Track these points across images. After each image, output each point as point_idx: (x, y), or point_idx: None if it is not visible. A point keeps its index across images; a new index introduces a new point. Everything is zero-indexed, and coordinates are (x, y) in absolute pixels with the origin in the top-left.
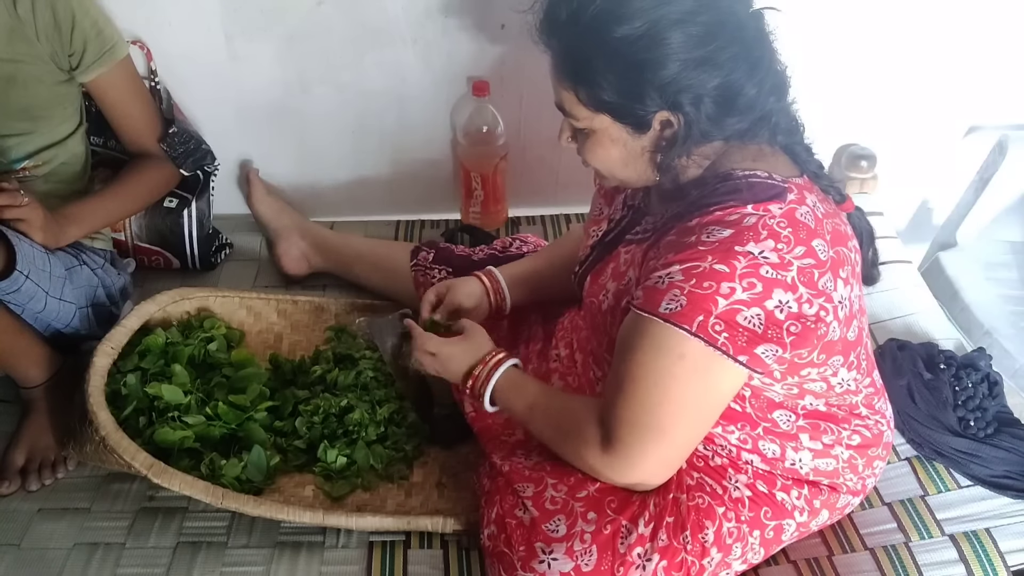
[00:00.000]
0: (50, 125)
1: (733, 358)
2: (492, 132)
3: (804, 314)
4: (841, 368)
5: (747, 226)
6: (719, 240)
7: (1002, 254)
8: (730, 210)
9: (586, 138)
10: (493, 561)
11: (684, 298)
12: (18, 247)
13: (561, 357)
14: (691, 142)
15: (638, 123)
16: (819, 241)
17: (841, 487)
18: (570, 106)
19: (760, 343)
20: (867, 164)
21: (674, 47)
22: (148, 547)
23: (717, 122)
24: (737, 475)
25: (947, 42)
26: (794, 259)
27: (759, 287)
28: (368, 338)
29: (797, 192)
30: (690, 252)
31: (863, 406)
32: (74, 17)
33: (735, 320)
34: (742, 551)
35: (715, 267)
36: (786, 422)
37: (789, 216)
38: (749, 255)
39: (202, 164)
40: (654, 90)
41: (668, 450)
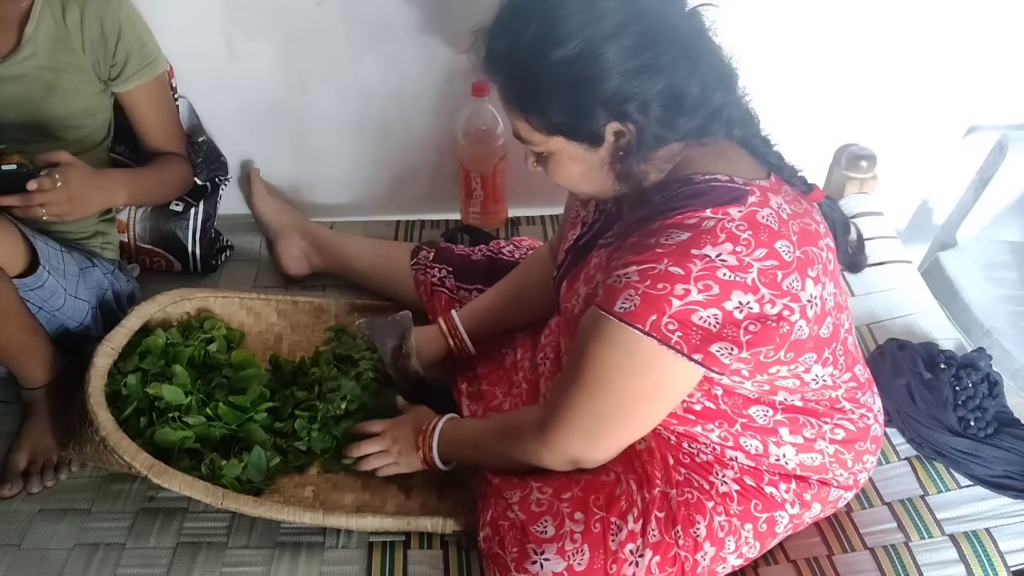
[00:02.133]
0: (80, 135)
1: (688, 356)
2: (492, 132)
3: (766, 314)
4: (815, 365)
5: (705, 229)
6: (676, 243)
7: (1002, 254)
8: (689, 214)
9: (547, 160)
10: (489, 563)
11: (638, 298)
12: (38, 244)
13: (547, 362)
14: (646, 148)
15: (591, 138)
16: (783, 242)
17: (831, 482)
18: (525, 133)
19: (715, 341)
20: (867, 164)
21: (611, 61)
22: (148, 547)
23: (668, 124)
24: (724, 470)
25: (947, 42)
26: (754, 261)
27: (715, 289)
28: (368, 340)
29: (759, 194)
30: (648, 254)
31: (845, 400)
32: (120, 30)
33: (690, 319)
34: (736, 545)
35: (670, 269)
36: (763, 417)
37: (749, 219)
38: (705, 258)
39: (216, 175)
40: (599, 105)
41: (608, 437)
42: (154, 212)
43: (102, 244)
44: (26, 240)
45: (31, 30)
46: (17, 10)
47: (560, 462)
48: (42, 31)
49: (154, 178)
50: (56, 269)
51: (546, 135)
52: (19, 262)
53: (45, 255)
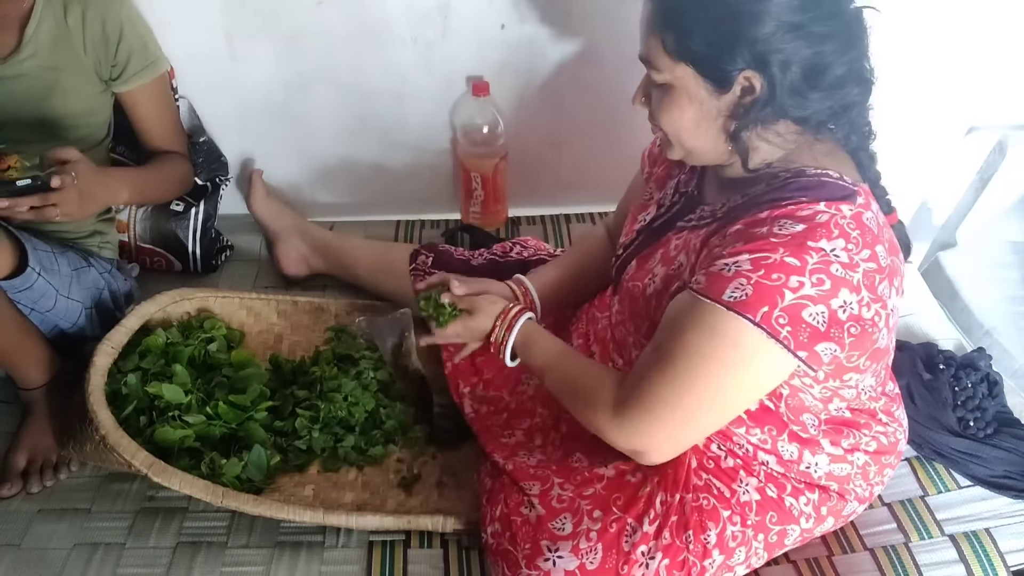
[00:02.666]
0: (80, 134)
1: (793, 352)
2: (492, 132)
3: (863, 317)
4: (872, 376)
5: (820, 223)
6: (792, 234)
7: (1002, 254)
8: (803, 205)
9: (663, 95)
10: (496, 559)
11: (751, 288)
12: (28, 245)
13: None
14: (769, 112)
15: (720, 80)
16: (881, 247)
17: (849, 493)
18: (654, 55)
19: (821, 340)
20: None
21: (774, 5)
22: (148, 547)
23: (800, 94)
24: (748, 478)
25: (947, 42)
26: (861, 261)
27: (827, 284)
28: (368, 338)
29: (865, 197)
30: (761, 243)
31: (883, 413)
32: (122, 30)
33: (800, 315)
34: (745, 555)
35: (786, 259)
36: (812, 426)
37: (857, 219)
38: (821, 251)
39: (216, 175)
40: (745, 45)
41: (684, 430)
42: (154, 212)
43: (100, 243)
44: (13, 240)
45: (32, 30)
46: (18, 10)
47: (627, 449)
48: (43, 31)
49: (156, 177)
50: (47, 269)
51: (675, 61)
52: (6, 263)
53: (35, 256)
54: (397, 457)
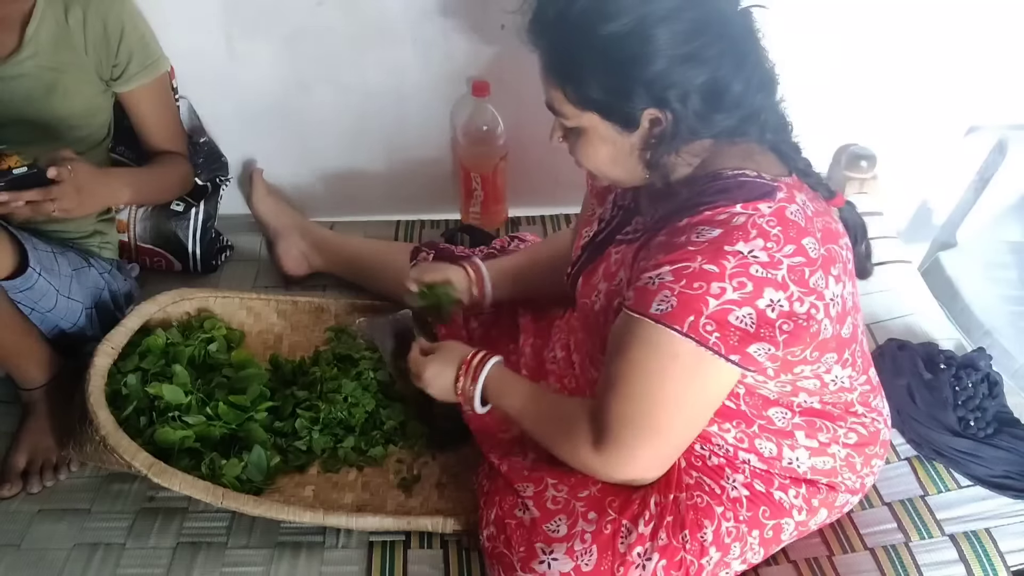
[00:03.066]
0: (81, 134)
1: (725, 357)
2: (492, 132)
3: (795, 312)
4: (835, 365)
5: (736, 225)
6: (708, 240)
7: (1002, 254)
8: (719, 210)
9: (576, 137)
10: (492, 562)
11: (675, 299)
12: (28, 245)
13: (558, 359)
14: (679, 139)
15: (626, 121)
16: (809, 239)
17: (840, 486)
18: (559, 105)
19: (752, 342)
20: (867, 164)
21: (661, 43)
22: (148, 547)
23: (705, 119)
24: (735, 474)
25: (947, 42)
26: (784, 257)
27: (749, 286)
28: (368, 339)
29: (786, 191)
30: (680, 252)
31: (859, 404)
32: (123, 30)
33: (727, 320)
34: (741, 551)
35: (704, 267)
36: (781, 419)
37: (779, 215)
38: (738, 254)
39: (216, 175)
40: (641, 87)
41: (661, 447)
42: (154, 212)
43: (100, 244)
44: (14, 241)
45: (33, 30)
46: (19, 10)
47: (622, 481)
48: (44, 31)
49: (156, 178)
50: (47, 270)
51: (581, 110)
52: (7, 263)
53: (35, 256)
54: (397, 458)
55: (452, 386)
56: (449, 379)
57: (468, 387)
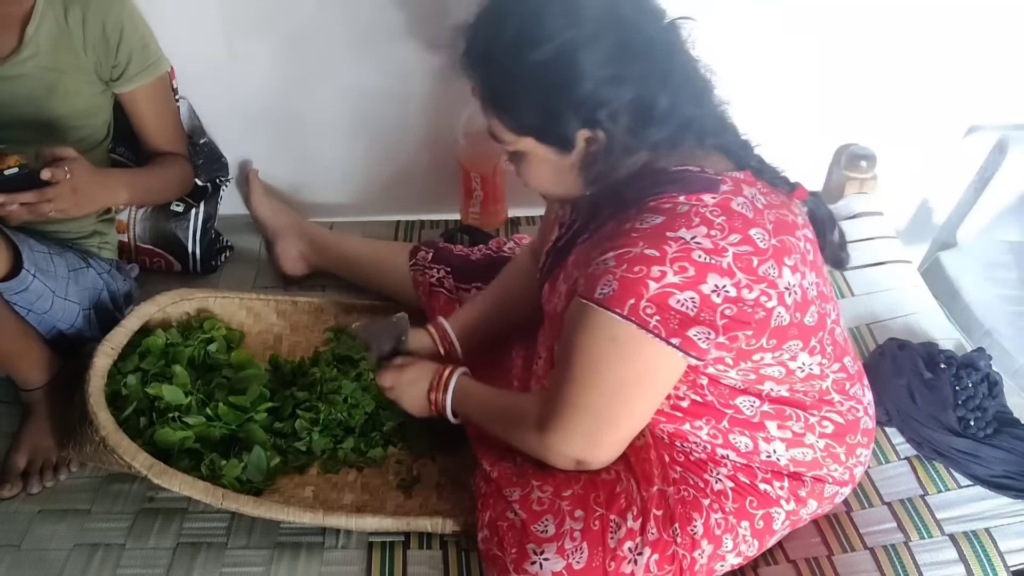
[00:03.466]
0: (80, 135)
1: (665, 340)
2: None
3: (743, 298)
4: (801, 353)
5: (680, 213)
6: (651, 226)
7: (1002, 254)
8: (663, 199)
9: (519, 161)
10: (488, 564)
11: (616, 283)
12: (22, 247)
13: (540, 362)
14: (615, 155)
15: (562, 142)
16: (757, 230)
17: (826, 478)
18: (498, 132)
19: (692, 325)
20: (867, 164)
21: (585, 67)
22: (148, 548)
23: (637, 134)
24: (717, 468)
25: (947, 42)
26: (729, 245)
27: (691, 271)
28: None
29: (732, 184)
30: (624, 239)
31: (834, 391)
32: (123, 31)
33: (667, 303)
34: (734, 543)
35: (646, 252)
36: (749, 408)
37: (723, 205)
38: (680, 240)
39: (216, 176)
40: (571, 109)
41: (606, 431)
42: (154, 212)
43: (99, 244)
44: (8, 243)
45: (33, 30)
46: (19, 10)
47: (564, 463)
48: (44, 32)
49: (155, 178)
50: (43, 271)
51: (517, 135)
52: (1, 265)
53: (30, 257)
54: (396, 459)
55: (425, 399)
56: (422, 392)
57: (440, 399)
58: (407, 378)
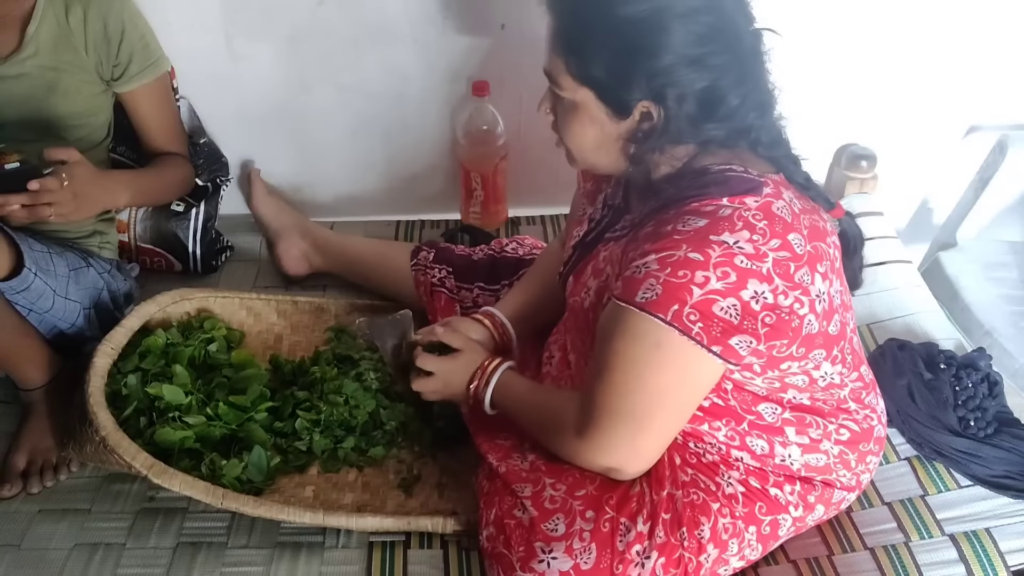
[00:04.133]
0: (80, 134)
1: (707, 348)
2: (492, 132)
3: (779, 305)
4: (824, 362)
5: (722, 217)
6: (694, 229)
7: (1002, 254)
8: (706, 201)
9: (565, 112)
10: (492, 562)
11: (660, 287)
12: (23, 246)
13: (554, 359)
14: (666, 139)
15: (620, 107)
16: (795, 235)
17: (835, 483)
18: (557, 73)
19: (735, 334)
20: (867, 164)
21: (673, 39)
22: (148, 547)
23: (695, 124)
24: (729, 471)
25: (947, 42)
26: (769, 251)
27: (733, 276)
28: (368, 339)
29: (773, 187)
30: (665, 241)
31: (851, 400)
32: (124, 30)
33: (710, 310)
34: (739, 547)
35: (689, 255)
36: (771, 415)
37: (765, 209)
38: (723, 244)
39: (216, 176)
40: (643, 77)
41: (640, 439)
42: (155, 212)
43: (100, 243)
44: (10, 242)
45: (33, 30)
46: (20, 10)
47: (600, 468)
48: (44, 31)
49: (156, 179)
50: (44, 271)
51: (578, 84)
52: (2, 265)
53: (31, 257)
54: (397, 458)
55: (464, 387)
56: (463, 379)
57: (480, 389)
58: (452, 367)
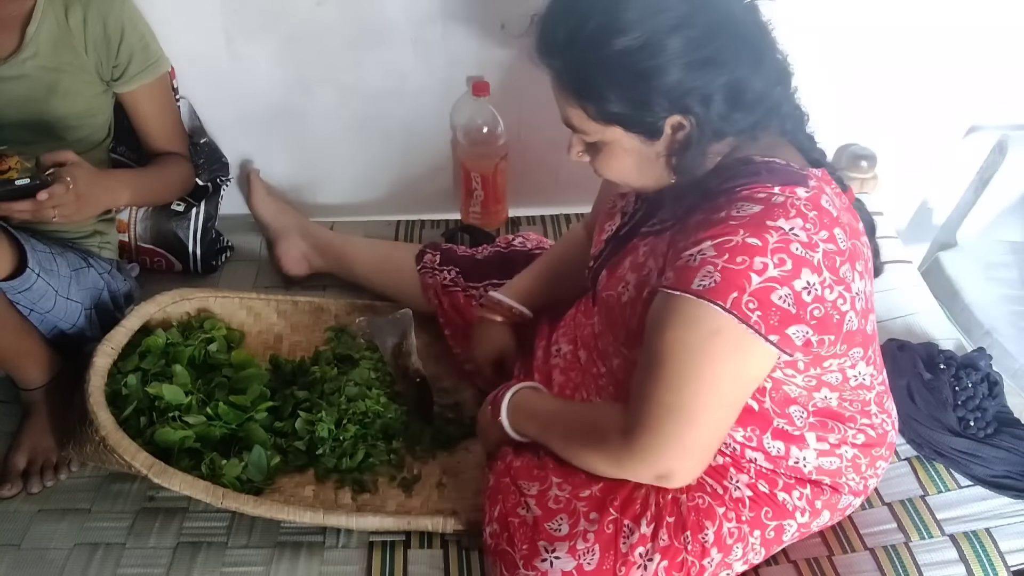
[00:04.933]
0: (81, 135)
1: (764, 337)
2: (492, 132)
3: (825, 299)
4: (860, 361)
5: (776, 203)
6: (750, 215)
7: (1002, 254)
8: (757, 188)
9: (598, 152)
10: (495, 559)
11: (718, 274)
12: (27, 246)
13: (563, 353)
14: (704, 141)
15: (650, 130)
16: (840, 230)
17: (843, 487)
18: (579, 123)
19: (791, 323)
20: (867, 164)
21: (675, 52)
22: (148, 547)
23: (728, 119)
24: (739, 475)
25: (947, 42)
26: (820, 241)
27: (789, 264)
28: (368, 338)
29: (816, 181)
30: (722, 227)
31: (874, 403)
32: (123, 31)
33: (769, 298)
34: (743, 551)
35: (747, 240)
36: (799, 418)
37: (814, 200)
38: (780, 230)
39: (217, 175)
40: (661, 96)
41: (695, 436)
42: (155, 212)
43: (100, 244)
44: (13, 242)
45: (33, 30)
46: (20, 10)
47: (650, 476)
48: (44, 32)
49: (156, 179)
50: (46, 270)
51: (603, 125)
52: (5, 264)
53: (34, 257)
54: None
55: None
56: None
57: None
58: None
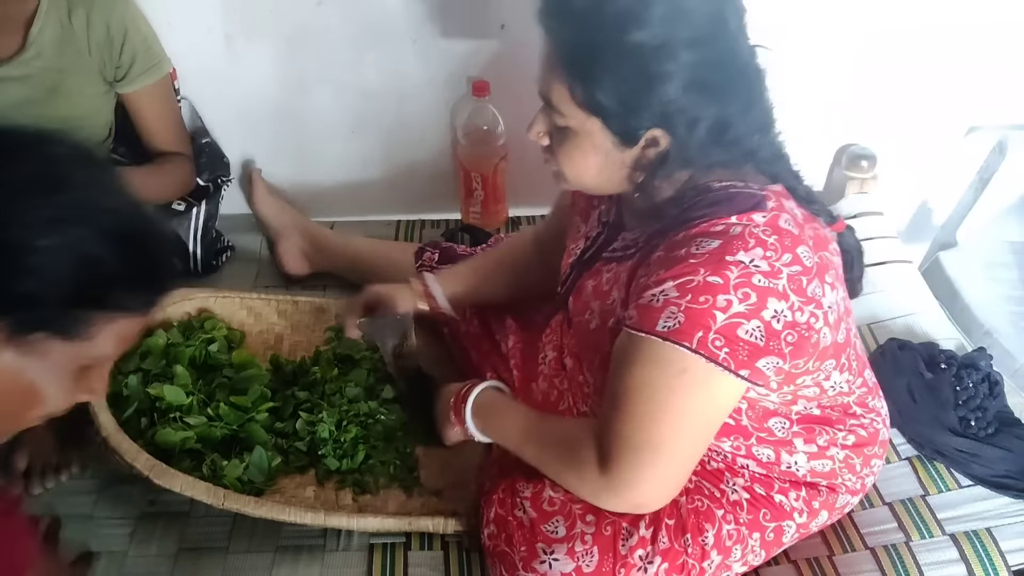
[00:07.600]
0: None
1: (735, 373)
2: (492, 132)
3: (797, 322)
4: (833, 372)
5: (734, 235)
6: (709, 251)
7: (1002, 254)
8: (714, 221)
9: (564, 138)
10: (494, 561)
11: (682, 315)
12: None
13: (548, 360)
14: (672, 165)
15: (627, 135)
16: (803, 248)
17: (840, 487)
18: (559, 101)
19: (761, 356)
20: (867, 164)
21: (685, 65)
22: (150, 554)
23: (704, 150)
24: (734, 479)
25: (947, 42)
26: (783, 267)
27: (753, 297)
28: (369, 339)
29: (775, 200)
30: (682, 267)
31: (856, 405)
32: (126, 32)
33: (735, 334)
34: (742, 553)
35: (708, 280)
36: (780, 429)
37: (772, 224)
38: (740, 264)
39: (218, 176)
40: (656, 104)
41: (667, 468)
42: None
43: None
44: None
45: (36, 31)
46: (23, 11)
47: (625, 507)
48: (47, 33)
49: (156, 179)
50: None
51: (583, 112)
52: None
53: None
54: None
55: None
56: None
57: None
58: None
